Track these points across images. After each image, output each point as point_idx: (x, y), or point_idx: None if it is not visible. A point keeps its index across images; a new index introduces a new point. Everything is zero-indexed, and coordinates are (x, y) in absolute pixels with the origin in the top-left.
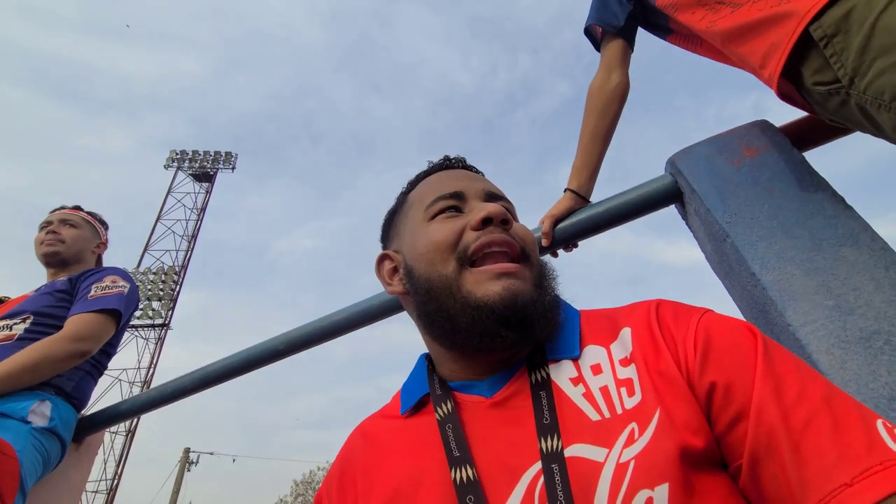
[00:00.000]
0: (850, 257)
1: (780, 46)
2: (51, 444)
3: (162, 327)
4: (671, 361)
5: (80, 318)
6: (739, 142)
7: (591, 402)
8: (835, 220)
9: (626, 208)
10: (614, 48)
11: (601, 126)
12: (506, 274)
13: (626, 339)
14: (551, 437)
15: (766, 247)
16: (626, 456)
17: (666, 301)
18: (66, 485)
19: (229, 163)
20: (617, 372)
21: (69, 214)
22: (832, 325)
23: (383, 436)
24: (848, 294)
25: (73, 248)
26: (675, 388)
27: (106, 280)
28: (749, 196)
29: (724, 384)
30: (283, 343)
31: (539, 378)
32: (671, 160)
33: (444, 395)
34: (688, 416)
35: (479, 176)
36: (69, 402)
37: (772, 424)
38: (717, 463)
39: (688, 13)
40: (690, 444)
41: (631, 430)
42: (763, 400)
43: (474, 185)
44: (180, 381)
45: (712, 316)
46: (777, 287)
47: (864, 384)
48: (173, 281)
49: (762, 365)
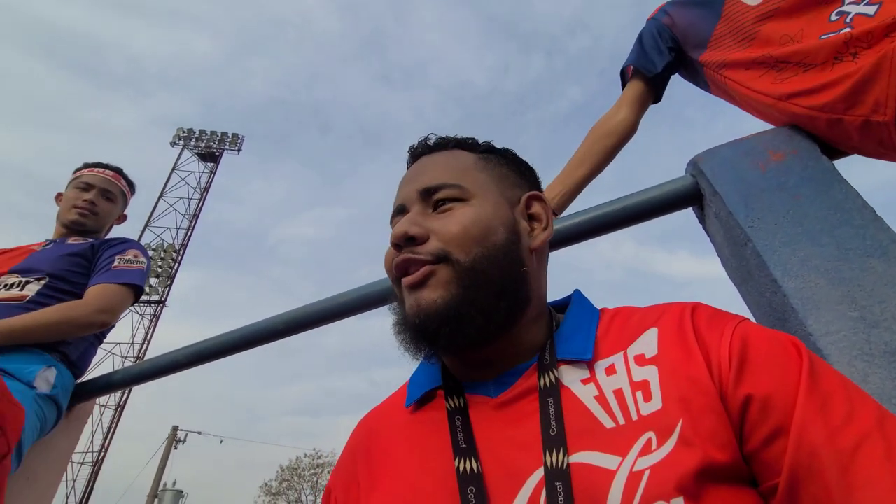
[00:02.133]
0: (878, 269)
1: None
2: (49, 410)
3: (158, 304)
4: (703, 368)
5: (106, 289)
6: (766, 146)
7: (604, 406)
8: (863, 231)
9: (643, 207)
10: (635, 89)
11: (592, 153)
12: (409, 286)
13: (650, 341)
14: (557, 451)
15: (789, 253)
16: (640, 465)
17: (703, 304)
18: (55, 452)
19: (235, 144)
20: (633, 373)
21: (111, 183)
22: (855, 337)
23: (389, 429)
24: (874, 306)
25: (101, 223)
26: (705, 397)
27: (129, 253)
28: (774, 201)
29: (762, 398)
30: (283, 323)
31: (548, 382)
32: (693, 161)
33: (456, 388)
34: (715, 428)
35: (425, 166)
36: (71, 371)
37: (816, 444)
38: (743, 479)
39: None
40: (714, 458)
41: (648, 438)
42: (807, 417)
43: (413, 190)
44: (175, 354)
45: (750, 325)
46: (799, 295)
47: (888, 399)
48: (172, 259)
49: (806, 380)
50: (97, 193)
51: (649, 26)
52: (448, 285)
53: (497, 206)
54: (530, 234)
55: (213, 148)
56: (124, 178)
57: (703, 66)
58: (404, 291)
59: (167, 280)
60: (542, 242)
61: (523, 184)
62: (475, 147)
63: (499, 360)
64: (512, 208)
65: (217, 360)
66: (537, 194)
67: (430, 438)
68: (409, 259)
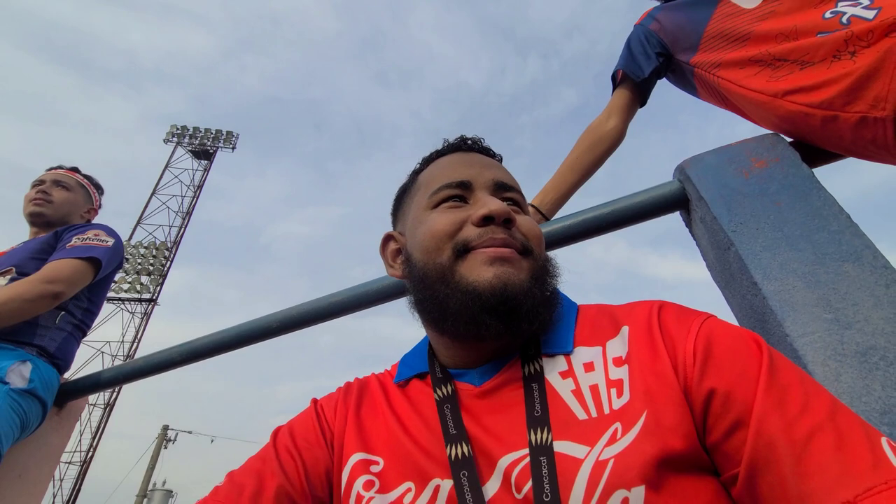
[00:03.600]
0: (851, 273)
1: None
2: (30, 405)
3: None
4: (668, 364)
5: (55, 263)
6: (750, 153)
7: (579, 399)
8: (839, 236)
9: (632, 211)
10: (622, 97)
11: (583, 160)
12: (500, 259)
13: (623, 338)
14: (541, 430)
15: (769, 257)
16: (606, 454)
17: (669, 303)
18: (45, 449)
19: (230, 142)
20: (609, 372)
21: (63, 175)
22: (829, 338)
23: (380, 396)
24: (847, 309)
25: (60, 211)
26: (668, 391)
27: (89, 233)
28: (756, 207)
29: (724, 391)
30: (277, 321)
31: (532, 371)
32: (680, 167)
33: (444, 378)
34: (677, 420)
35: (493, 162)
36: (52, 364)
37: (773, 435)
38: (704, 468)
39: (735, 70)
40: (675, 448)
41: (614, 429)
42: (765, 410)
43: (484, 174)
44: (169, 351)
45: (715, 322)
46: (778, 297)
47: (858, 397)
48: (164, 256)
49: (766, 375)
50: (49, 185)
51: (637, 32)
52: (529, 273)
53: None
54: None
55: (206, 145)
56: (81, 174)
57: (695, 67)
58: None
59: (159, 278)
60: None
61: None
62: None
63: (486, 353)
64: None
65: (210, 357)
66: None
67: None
68: (505, 240)
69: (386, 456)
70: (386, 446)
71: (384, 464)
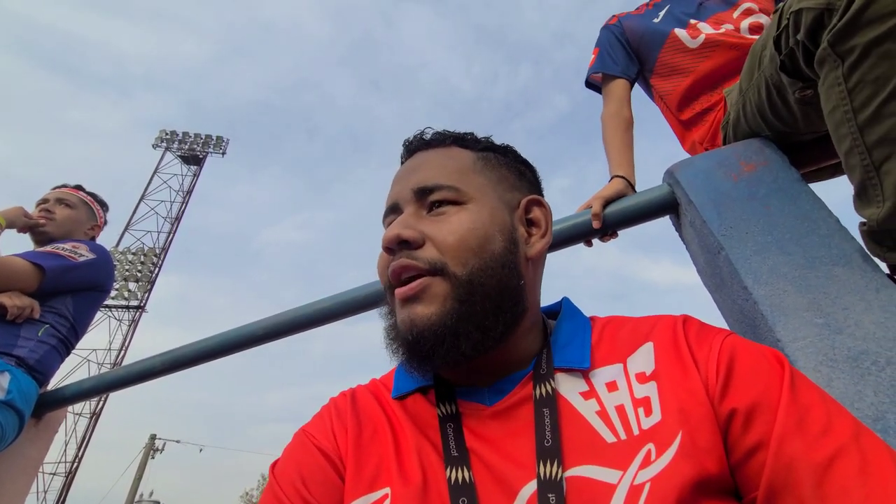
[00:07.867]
0: (842, 277)
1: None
2: (6, 417)
3: (137, 309)
4: (699, 381)
5: (5, 256)
6: (739, 157)
7: (605, 421)
8: (829, 240)
9: (622, 215)
10: (622, 86)
11: (627, 139)
12: (403, 299)
13: (647, 355)
14: (551, 463)
15: (759, 261)
16: (641, 478)
17: (691, 317)
18: (22, 461)
19: (220, 147)
20: (634, 390)
21: (67, 194)
22: (821, 343)
23: (378, 415)
24: (838, 313)
25: (62, 228)
26: (702, 410)
27: (68, 244)
28: (745, 210)
29: (745, 411)
30: (263, 329)
31: (543, 392)
32: (669, 170)
33: (447, 395)
34: (711, 440)
35: (420, 163)
36: (31, 376)
37: (793, 457)
38: (730, 493)
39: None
40: (710, 471)
41: (647, 451)
42: (786, 431)
43: (407, 188)
44: (151, 361)
45: (737, 339)
46: (768, 302)
47: (850, 403)
48: (152, 263)
49: (787, 394)
50: (53, 203)
51: (612, 31)
52: (444, 300)
53: (495, 212)
54: (528, 242)
55: (196, 151)
56: (85, 191)
57: (653, 88)
58: (397, 303)
59: (147, 284)
60: (540, 251)
61: (523, 186)
62: (474, 144)
63: (493, 369)
64: (510, 213)
65: (195, 366)
66: (537, 198)
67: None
68: (404, 265)
69: (392, 484)
70: (390, 475)
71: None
